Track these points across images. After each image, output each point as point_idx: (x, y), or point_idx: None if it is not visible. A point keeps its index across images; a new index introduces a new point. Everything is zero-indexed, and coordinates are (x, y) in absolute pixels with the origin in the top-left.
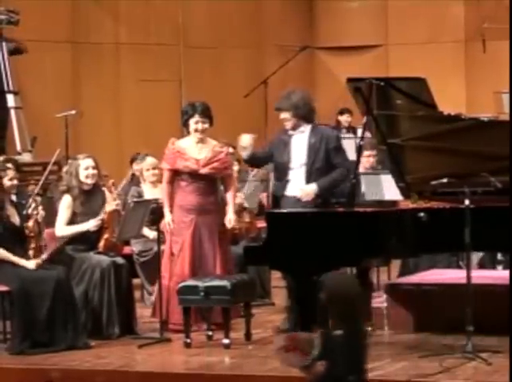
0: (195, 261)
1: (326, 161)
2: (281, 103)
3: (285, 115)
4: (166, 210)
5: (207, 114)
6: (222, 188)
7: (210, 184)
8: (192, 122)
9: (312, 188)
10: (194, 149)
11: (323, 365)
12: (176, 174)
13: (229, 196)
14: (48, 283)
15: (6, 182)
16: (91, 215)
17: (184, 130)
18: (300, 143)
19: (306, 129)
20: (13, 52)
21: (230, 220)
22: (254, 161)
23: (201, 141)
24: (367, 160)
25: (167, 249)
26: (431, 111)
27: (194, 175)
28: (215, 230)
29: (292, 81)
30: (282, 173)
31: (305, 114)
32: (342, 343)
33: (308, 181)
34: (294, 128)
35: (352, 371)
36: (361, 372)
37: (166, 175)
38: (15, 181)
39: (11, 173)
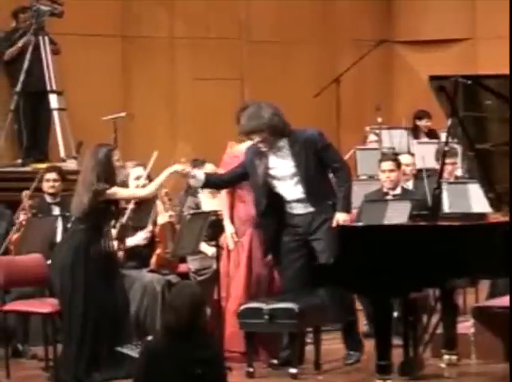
0: (252, 280)
1: (318, 165)
2: (251, 125)
3: (261, 138)
4: (227, 222)
5: None
6: None
7: None
8: None
9: (344, 216)
10: None
11: None
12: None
13: None
14: (109, 308)
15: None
16: (140, 229)
17: None
18: (284, 159)
19: (283, 142)
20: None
21: None
22: (212, 186)
23: None
24: (446, 168)
25: (224, 267)
26: None
27: None
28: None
29: (368, 79)
30: (264, 193)
31: (282, 129)
32: (145, 351)
33: (309, 192)
34: (271, 147)
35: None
36: None
37: None
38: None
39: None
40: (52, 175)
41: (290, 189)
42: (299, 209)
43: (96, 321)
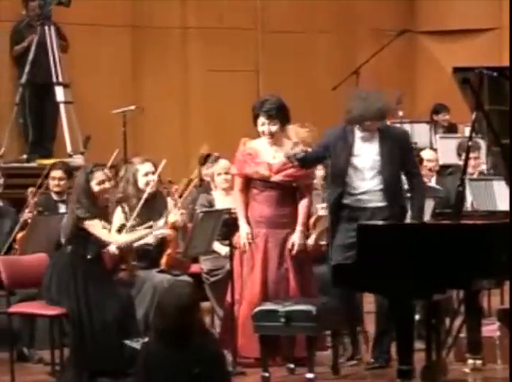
0: (267, 283)
1: (401, 167)
2: (361, 109)
3: (374, 125)
4: (242, 221)
5: (274, 114)
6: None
7: (285, 193)
8: (258, 123)
9: None
10: (268, 152)
11: None
12: (249, 181)
13: (300, 210)
14: (112, 309)
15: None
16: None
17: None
18: (370, 149)
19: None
20: None
21: (293, 243)
22: (307, 164)
23: (276, 143)
24: (469, 163)
25: (237, 268)
26: None
27: (266, 182)
28: (288, 247)
29: (389, 71)
30: (342, 180)
31: (384, 118)
32: (143, 353)
33: (386, 188)
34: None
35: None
36: None
37: (237, 182)
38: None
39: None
40: (58, 173)
41: (365, 180)
42: (363, 203)
43: (96, 327)
